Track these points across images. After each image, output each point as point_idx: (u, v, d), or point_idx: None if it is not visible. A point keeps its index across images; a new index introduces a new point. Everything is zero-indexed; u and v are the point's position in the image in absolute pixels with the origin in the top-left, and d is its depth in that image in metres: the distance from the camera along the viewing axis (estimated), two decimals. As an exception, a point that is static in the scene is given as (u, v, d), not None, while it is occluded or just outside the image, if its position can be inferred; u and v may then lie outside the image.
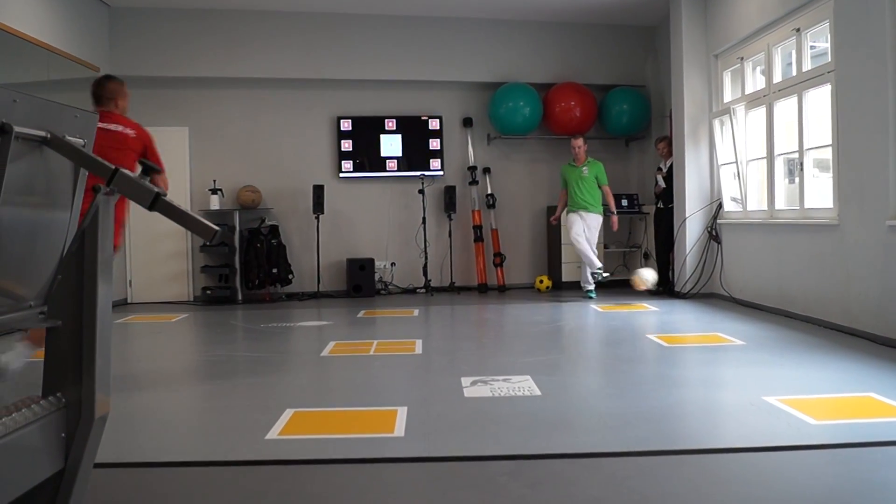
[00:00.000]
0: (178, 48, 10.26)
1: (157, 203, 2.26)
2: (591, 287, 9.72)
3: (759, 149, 8.55)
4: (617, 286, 10.63)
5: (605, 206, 9.80)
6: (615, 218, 9.76)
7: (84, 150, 2.30)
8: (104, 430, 2.45)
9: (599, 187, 9.67)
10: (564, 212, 9.96)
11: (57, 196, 2.40)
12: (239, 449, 3.67)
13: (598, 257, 9.77)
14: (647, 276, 9.33)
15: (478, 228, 11.04)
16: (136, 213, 10.03)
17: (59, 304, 2.29)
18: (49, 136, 2.23)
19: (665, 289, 9.96)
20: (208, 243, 9.96)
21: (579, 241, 9.49)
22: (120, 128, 5.42)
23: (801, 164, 7.52)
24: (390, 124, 10.97)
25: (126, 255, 10.31)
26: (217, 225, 8.30)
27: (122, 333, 7.73)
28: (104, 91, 5.58)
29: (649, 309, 8.56)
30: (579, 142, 9.73)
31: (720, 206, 9.35)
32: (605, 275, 9.72)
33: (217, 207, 10.23)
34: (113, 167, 2.26)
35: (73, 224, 2.45)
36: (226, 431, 4.07)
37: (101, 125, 5.19)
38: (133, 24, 10.11)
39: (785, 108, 7.99)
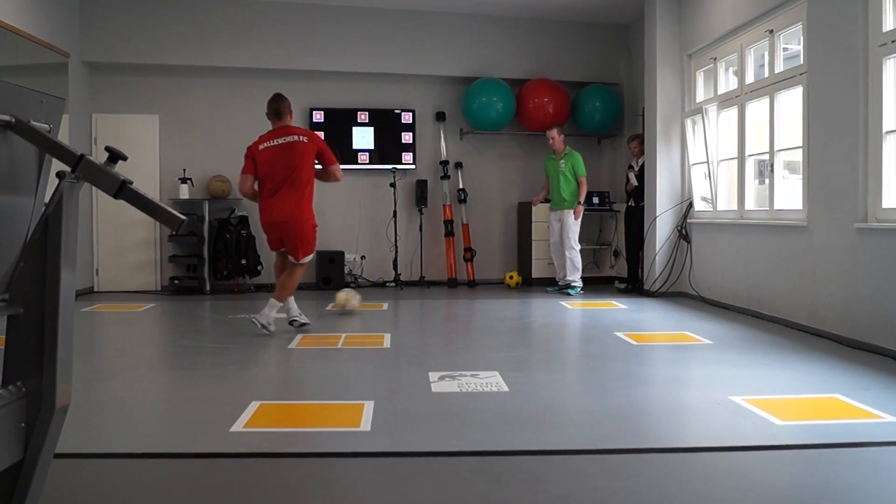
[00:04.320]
0: (150, 35, 10.14)
1: (122, 191, 2.21)
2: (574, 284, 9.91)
3: (730, 149, 8.60)
4: (586, 283, 10.67)
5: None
6: (579, 208, 9.80)
7: (49, 136, 2.25)
8: (65, 420, 2.41)
9: (576, 179, 9.77)
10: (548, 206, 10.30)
11: (21, 182, 2.35)
12: (203, 441, 3.64)
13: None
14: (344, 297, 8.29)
15: (449, 223, 11.02)
16: (104, 201, 9.95)
17: (21, 292, 2.24)
18: (13, 120, 2.18)
19: (635, 287, 10.01)
20: (175, 233, 9.88)
21: (553, 247, 10.11)
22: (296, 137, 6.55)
23: (772, 165, 7.56)
24: (363, 117, 10.91)
25: (93, 244, 10.20)
26: (186, 214, 8.18)
27: (88, 322, 7.64)
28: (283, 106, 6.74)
29: (618, 307, 8.59)
30: (553, 132, 9.85)
31: (690, 205, 9.39)
32: (569, 289, 9.88)
33: (186, 197, 10.13)
34: (79, 153, 2.22)
35: (37, 211, 2.41)
36: (190, 423, 4.03)
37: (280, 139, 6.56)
38: (104, 11, 9.97)
39: (756, 110, 8.04)
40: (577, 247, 9.83)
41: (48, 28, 8.84)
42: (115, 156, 2.29)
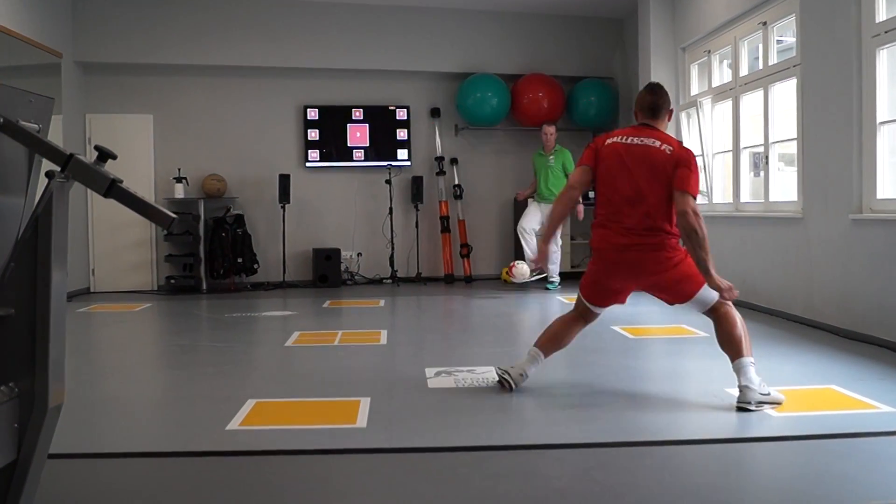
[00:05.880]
0: (144, 34, 10.10)
1: (112, 190, 2.21)
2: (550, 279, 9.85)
3: (725, 142, 8.59)
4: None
5: None
6: (580, 207, 9.76)
7: (38, 136, 2.25)
8: (59, 420, 2.40)
9: (567, 176, 9.73)
10: (533, 199, 10.16)
11: (10, 182, 2.34)
12: (199, 439, 3.63)
13: (562, 250, 9.88)
14: (524, 269, 9.77)
15: (445, 219, 11.01)
16: (99, 201, 9.93)
17: (12, 292, 2.24)
18: (2, 120, 2.18)
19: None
20: (166, 231, 9.87)
21: (523, 233, 9.86)
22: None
23: (767, 157, 7.56)
24: (357, 114, 10.90)
25: (89, 244, 10.19)
26: (181, 214, 8.15)
27: (85, 323, 7.63)
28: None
29: (615, 300, 8.57)
30: (551, 129, 9.81)
31: (686, 198, 9.36)
32: (540, 279, 9.88)
33: (182, 196, 10.11)
34: (68, 152, 2.22)
35: (27, 210, 2.40)
36: (186, 422, 4.03)
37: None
38: (97, 10, 9.94)
39: (751, 102, 8.04)
40: (532, 234, 9.79)
41: (40, 28, 8.79)
42: (104, 155, 2.29)
